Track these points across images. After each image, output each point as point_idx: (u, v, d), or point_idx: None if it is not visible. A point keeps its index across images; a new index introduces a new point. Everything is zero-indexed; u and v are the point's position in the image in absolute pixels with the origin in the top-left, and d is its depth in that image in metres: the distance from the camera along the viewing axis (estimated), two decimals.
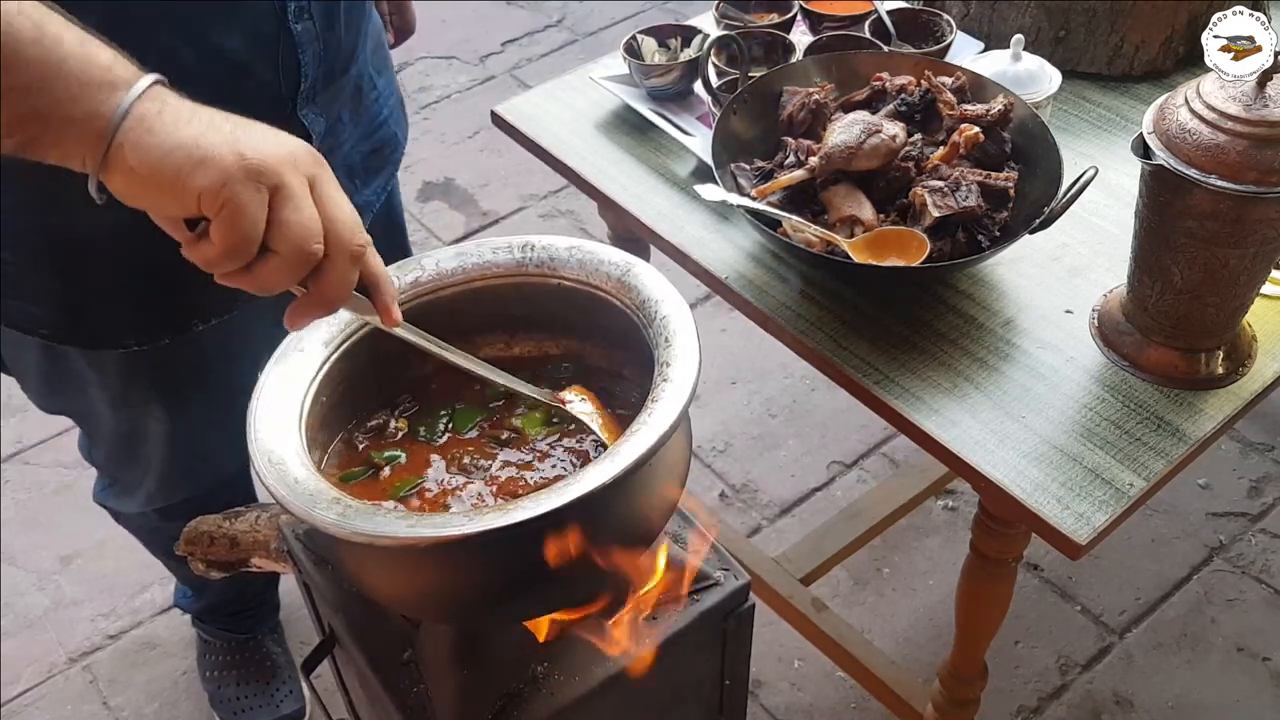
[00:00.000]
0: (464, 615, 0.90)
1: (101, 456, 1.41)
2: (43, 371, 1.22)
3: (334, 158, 1.16)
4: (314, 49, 1.05)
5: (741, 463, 2.12)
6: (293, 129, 0.87)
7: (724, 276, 1.22)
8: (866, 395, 1.11)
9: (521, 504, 0.73)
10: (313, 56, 1.05)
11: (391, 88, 1.28)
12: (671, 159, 1.37)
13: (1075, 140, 1.35)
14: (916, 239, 1.13)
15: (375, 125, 1.24)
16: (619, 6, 3.27)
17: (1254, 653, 1.82)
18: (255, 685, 1.74)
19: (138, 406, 1.26)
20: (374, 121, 1.23)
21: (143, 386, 1.22)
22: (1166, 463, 1.03)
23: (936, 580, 1.92)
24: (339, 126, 1.15)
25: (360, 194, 1.23)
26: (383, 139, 1.26)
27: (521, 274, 0.96)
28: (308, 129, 1.08)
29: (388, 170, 1.29)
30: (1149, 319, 1.09)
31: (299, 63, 1.04)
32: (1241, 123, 0.94)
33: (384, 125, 1.25)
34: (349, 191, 1.11)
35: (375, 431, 0.94)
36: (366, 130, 1.22)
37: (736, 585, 1.01)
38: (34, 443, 2.18)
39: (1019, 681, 1.79)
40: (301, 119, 1.07)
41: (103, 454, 1.40)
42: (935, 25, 1.42)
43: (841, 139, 1.16)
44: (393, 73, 1.30)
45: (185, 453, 1.34)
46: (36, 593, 1.96)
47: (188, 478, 1.40)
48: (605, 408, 0.92)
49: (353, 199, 1.11)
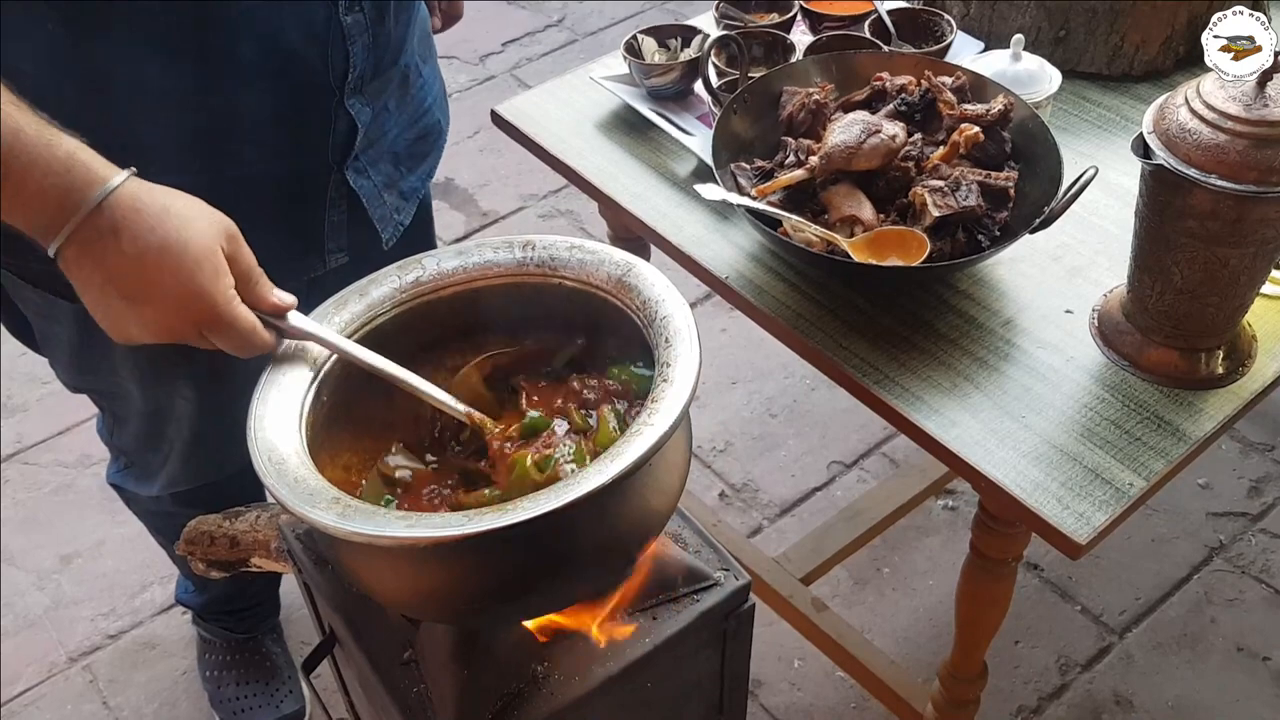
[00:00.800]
0: (464, 615, 0.90)
1: (126, 438, 1.40)
2: (74, 346, 1.21)
3: (380, 146, 1.18)
4: (364, 40, 1.06)
5: (742, 462, 2.12)
6: (339, 119, 1.09)
7: (724, 276, 1.22)
8: (867, 395, 1.11)
9: (521, 504, 0.73)
10: (362, 48, 1.06)
11: (435, 75, 1.29)
12: (672, 159, 1.37)
13: (1075, 140, 1.35)
14: (916, 239, 1.13)
15: (420, 113, 1.24)
16: (619, 6, 3.27)
17: (1254, 652, 1.82)
18: (255, 685, 1.74)
19: (166, 384, 1.26)
20: (419, 109, 1.24)
21: (172, 362, 1.22)
22: (1166, 462, 1.03)
23: (936, 580, 1.92)
24: (384, 115, 1.16)
25: (406, 180, 1.24)
26: (427, 126, 1.27)
27: (522, 273, 0.96)
28: (354, 118, 1.09)
29: (432, 156, 1.30)
30: (1149, 319, 1.09)
31: (348, 54, 1.05)
32: (1241, 122, 0.94)
33: (428, 113, 1.26)
34: (394, 178, 1.22)
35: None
36: (412, 118, 1.23)
37: (736, 585, 1.01)
38: (34, 442, 2.18)
39: (1019, 681, 1.79)
40: (349, 108, 1.08)
41: (128, 435, 1.39)
42: (935, 25, 1.42)
43: (841, 139, 1.16)
44: (436, 60, 1.31)
45: (211, 434, 1.33)
46: (36, 592, 1.96)
47: (209, 461, 1.39)
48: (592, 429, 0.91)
49: (399, 185, 1.23)
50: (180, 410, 1.29)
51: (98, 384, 1.30)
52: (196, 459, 1.38)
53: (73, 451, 2.15)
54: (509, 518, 0.72)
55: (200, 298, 0.82)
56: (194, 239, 0.82)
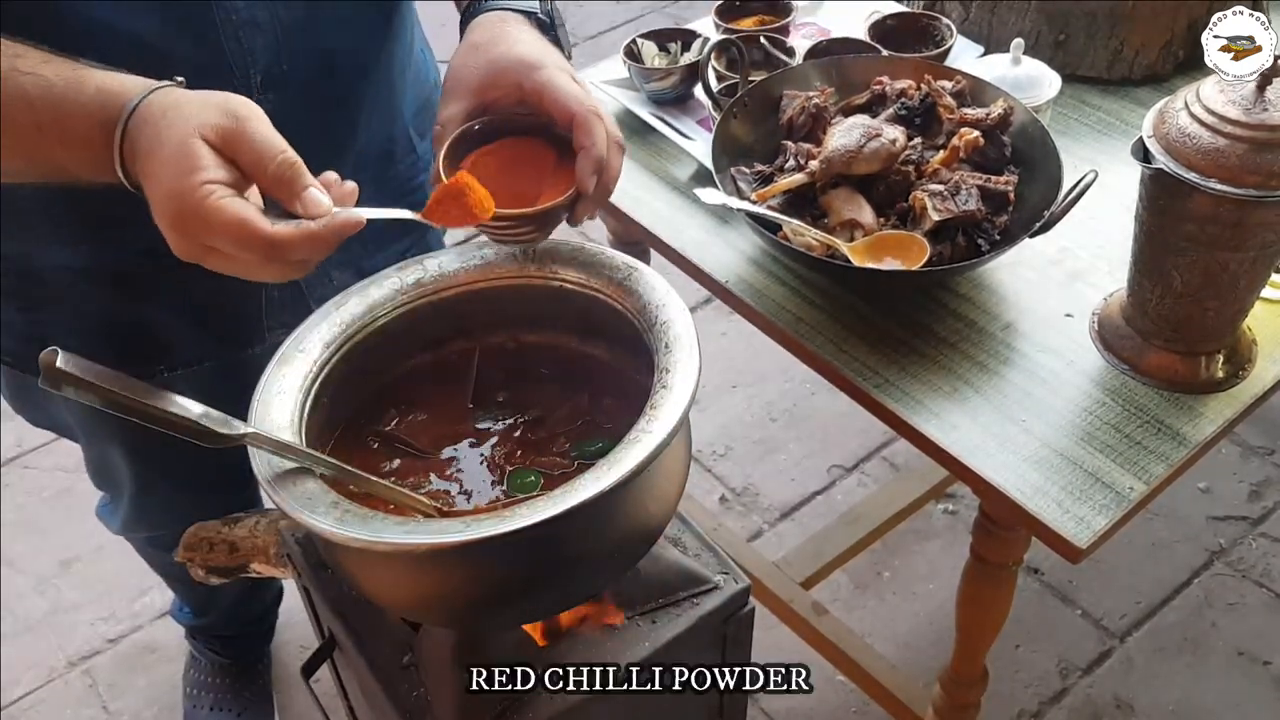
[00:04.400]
0: (463, 619, 0.90)
1: (90, 473, 1.41)
2: (14, 389, 1.22)
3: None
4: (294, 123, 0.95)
5: (742, 466, 2.12)
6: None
7: (724, 280, 1.22)
8: (867, 399, 1.11)
9: (519, 511, 0.73)
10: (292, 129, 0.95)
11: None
12: (671, 163, 1.37)
13: (1075, 144, 1.35)
14: (916, 243, 1.13)
15: (406, 190, 1.17)
16: (619, 10, 3.27)
17: (1254, 656, 1.82)
18: (227, 714, 1.74)
19: (104, 438, 1.26)
20: (406, 187, 1.17)
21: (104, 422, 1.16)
22: (1167, 466, 1.03)
23: (937, 584, 1.92)
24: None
25: (371, 259, 1.12)
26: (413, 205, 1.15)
27: (523, 276, 0.96)
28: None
29: (413, 236, 1.21)
30: (1149, 323, 1.09)
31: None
32: (1241, 126, 0.94)
33: (418, 190, 1.18)
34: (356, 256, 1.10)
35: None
36: (393, 196, 1.15)
37: (736, 589, 1.01)
38: (33, 447, 2.18)
39: (1019, 685, 1.79)
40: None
41: (91, 471, 1.40)
42: (935, 29, 1.42)
43: (841, 143, 1.16)
44: None
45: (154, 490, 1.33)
46: (36, 596, 1.96)
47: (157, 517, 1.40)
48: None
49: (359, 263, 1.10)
50: (119, 463, 1.28)
51: (47, 421, 1.30)
52: (145, 510, 1.38)
53: (72, 455, 2.14)
54: (507, 524, 0.72)
55: (170, 196, 0.71)
56: (169, 135, 0.72)
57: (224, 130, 0.73)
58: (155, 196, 0.73)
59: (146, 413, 0.72)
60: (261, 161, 0.73)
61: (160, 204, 0.72)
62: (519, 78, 0.89)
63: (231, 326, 1.11)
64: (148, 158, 0.73)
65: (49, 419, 1.28)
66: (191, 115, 0.73)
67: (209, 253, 0.73)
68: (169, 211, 0.72)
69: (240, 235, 0.71)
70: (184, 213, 0.71)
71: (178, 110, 0.74)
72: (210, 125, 0.73)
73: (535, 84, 0.88)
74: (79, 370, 0.69)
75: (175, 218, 0.72)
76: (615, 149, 0.88)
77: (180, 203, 0.71)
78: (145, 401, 0.72)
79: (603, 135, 0.86)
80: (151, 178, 0.73)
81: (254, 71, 0.94)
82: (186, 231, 0.72)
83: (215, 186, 0.71)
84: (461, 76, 0.92)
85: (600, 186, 0.87)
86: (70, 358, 0.69)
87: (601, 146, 0.86)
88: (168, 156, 0.72)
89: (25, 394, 1.22)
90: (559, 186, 0.89)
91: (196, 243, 0.72)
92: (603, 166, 0.86)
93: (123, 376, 0.71)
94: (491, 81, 0.91)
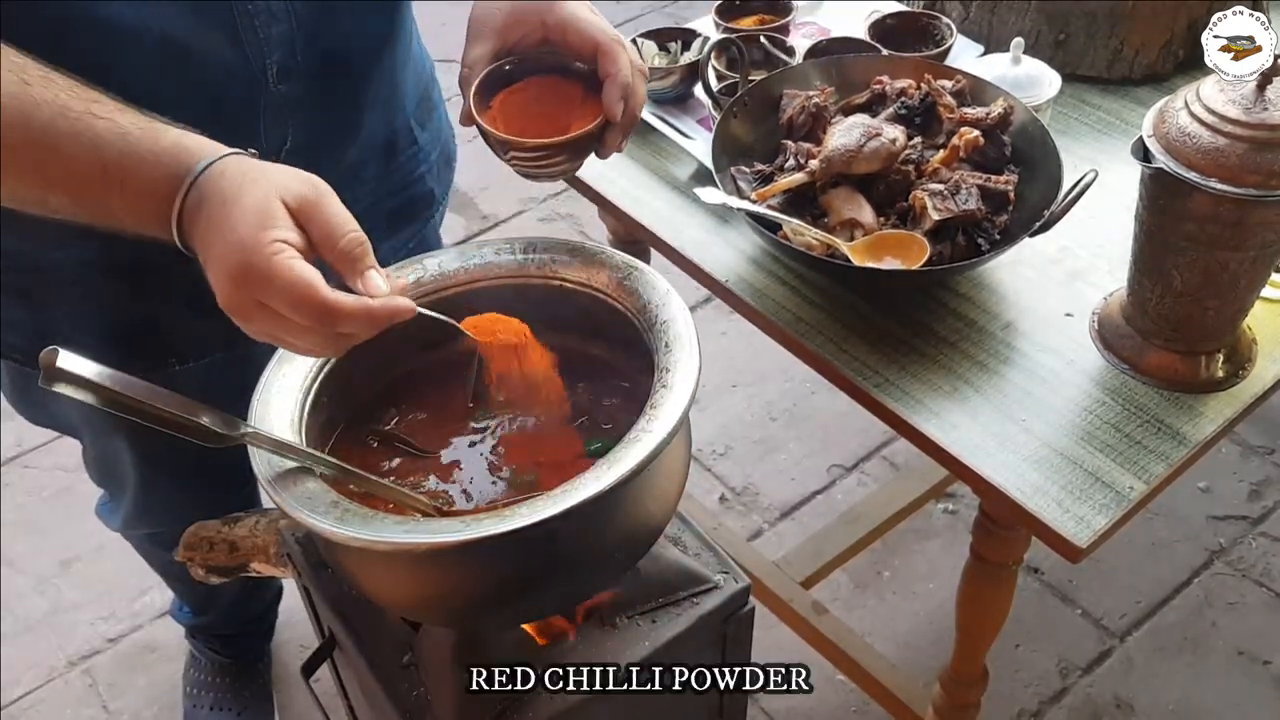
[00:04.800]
0: (463, 618, 0.90)
1: (91, 471, 1.41)
2: (17, 386, 1.22)
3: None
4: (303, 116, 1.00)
5: (742, 466, 2.12)
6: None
7: (724, 280, 1.22)
8: (867, 398, 1.11)
9: (519, 510, 0.73)
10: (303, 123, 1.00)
11: (435, 141, 1.22)
12: (671, 162, 1.37)
13: (1075, 144, 1.35)
14: (916, 242, 1.13)
15: (407, 181, 1.19)
16: (619, 9, 3.27)
17: (1255, 656, 1.82)
18: (227, 713, 1.74)
19: (109, 434, 1.26)
20: (407, 178, 1.19)
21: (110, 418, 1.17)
22: (1167, 466, 1.03)
23: (937, 584, 1.92)
24: (355, 182, 1.10)
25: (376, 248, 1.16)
26: (413, 196, 1.20)
27: (523, 275, 0.96)
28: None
29: (414, 226, 1.22)
30: (1149, 322, 1.09)
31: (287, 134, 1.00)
32: (1241, 126, 0.94)
33: (418, 182, 1.20)
34: None
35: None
36: (396, 186, 1.17)
37: (736, 588, 1.01)
38: (34, 446, 2.18)
39: (1019, 685, 1.79)
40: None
41: (91, 469, 1.40)
42: (935, 29, 1.42)
43: (841, 142, 1.16)
44: (442, 124, 1.25)
45: (156, 488, 1.33)
46: (36, 596, 1.96)
47: (158, 514, 1.40)
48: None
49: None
50: (124, 459, 1.28)
51: (50, 420, 1.30)
52: (149, 508, 1.38)
53: (73, 455, 2.13)
54: (507, 524, 0.72)
55: (238, 247, 0.72)
56: (250, 192, 0.74)
57: (303, 199, 0.75)
58: (221, 246, 0.73)
59: (147, 412, 0.73)
60: (334, 235, 0.75)
61: (224, 253, 0.73)
62: (541, 15, 0.93)
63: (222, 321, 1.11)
64: (220, 207, 0.73)
65: (50, 417, 1.28)
66: (275, 179, 0.75)
67: (259, 309, 0.73)
68: (232, 261, 0.72)
69: (301, 295, 0.72)
70: (250, 265, 0.72)
71: (262, 172, 0.75)
72: (292, 192, 0.75)
73: (558, 19, 0.92)
74: (79, 369, 0.69)
75: (238, 268, 0.72)
76: (639, 76, 0.93)
77: (248, 255, 0.72)
78: (145, 401, 0.72)
79: (627, 63, 0.91)
80: (219, 226, 0.73)
81: (270, 62, 0.94)
82: (245, 283, 0.72)
83: (286, 246, 0.72)
84: (484, 19, 0.96)
85: (628, 113, 0.92)
86: (71, 356, 0.69)
87: (627, 73, 0.90)
88: (247, 208, 0.73)
89: (28, 391, 1.21)
90: (587, 118, 0.93)
91: (250, 297, 0.73)
92: (630, 93, 0.91)
93: (123, 375, 0.71)
94: (514, 21, 0.94)
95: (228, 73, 0.93)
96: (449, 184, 1.29)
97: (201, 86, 0.92)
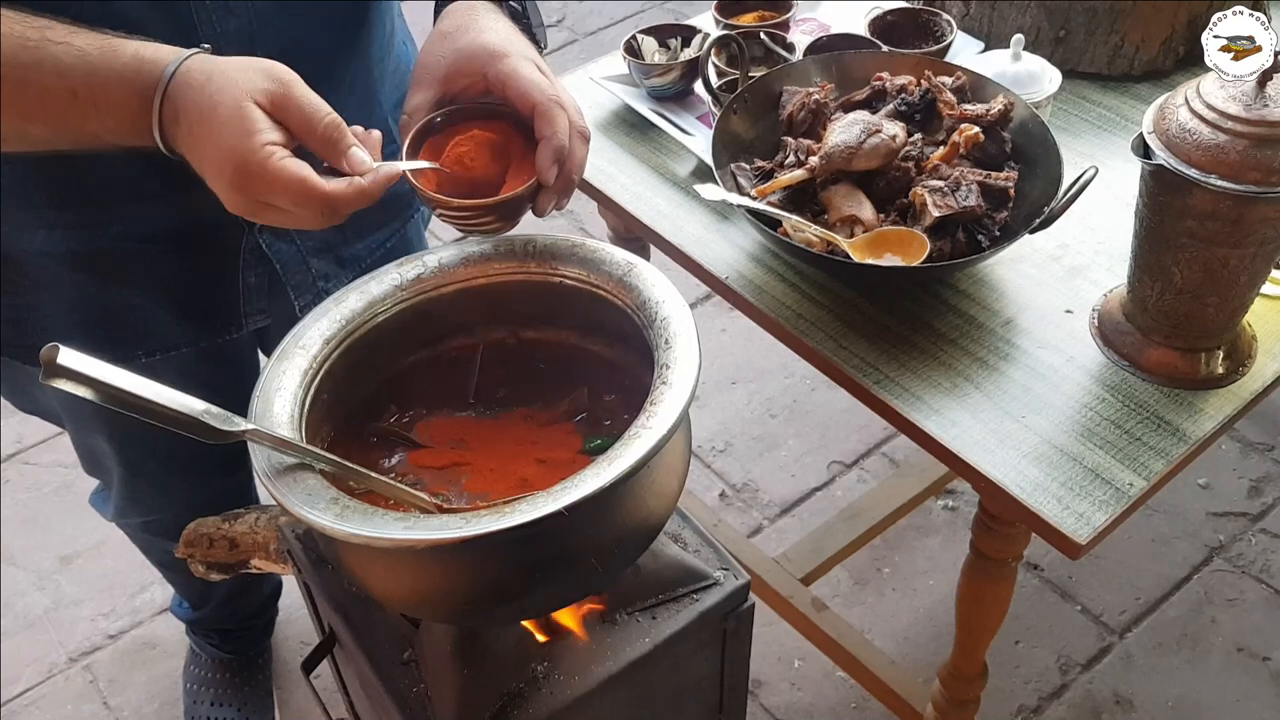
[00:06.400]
0: (463, 615, 0.90)
1: (82, 461, 1.41)
2: (3, 375, 1.21)
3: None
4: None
5: (742, 463, 2.12)
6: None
7: (724, 276, 1.22)
8: (866, 395, 1.11)
9: (519, 507, 0.73)
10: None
11: None
12: (671, 159, 1.37)
13: (1075, 140, 1.35)
14: (916, 239, 1.13)
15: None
16: (619, 6, 3.27)
17: (1254, 652, 1.82)
18: (229, 709, 1.75)
19: (87, 423, 1.26)
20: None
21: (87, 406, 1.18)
22: (1166, 462, 1.03)
23: (937, 580, 1.92)
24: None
25: (350, 246, 1.16)
26: (392, 194, 1.17)
27: (523, 271, 0.96)
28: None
29: (396, 223, 1.22)
30: (1149, 319, 1.09)
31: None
32: (1242, 122, 0.94)
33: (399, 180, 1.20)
34: (333, 243, 1.12)
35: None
36: None
37: (736, 585, 1.01)
38: (34, 443, 2.18)
39: (1019, 681, 1.79)
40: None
41: (82, 459, 1.40)
42: (935, 25, 1.42)
43: (841, 139, 1.16)
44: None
45: (141, 475, 1.33)
46: (36, 592, 1.96)
47: (148, 501, 1.40)
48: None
49: (337, 251, 1.13)
50: (105, 450, 1.29)
51: (36, 408, 1.30)
52: (135, 497, 1.38)
53: (72, 452, 2.14)
54: (506, 521, 0.72)
55: (229, 157, 0.76)
56: (222, 99, 0.77)
57: (273, 95, 0.78)
58: (212, 156, 0.77)
59: (147, 409, 0.73)
60: (310, 124, 0.79)
61: (218, 163, 0.77)
62: (483, 66, 0.91)
63: (210, 312, 1.11)
64: (199, 121, 0.77)
65: (36, 405, 1.29)
66: (240, 80, 0.78)
67: (265, 208, 0.79)
68: (229, 170, 0.76)
69: (301, 192, 0.77)
70: (246, 171, 0.76)
71: (224, 76, 0.78)
72: (260, 90, 0.78)
73: (498, 73, 0.90)
74: (80, 366, 0.69)
75: (236, 175, 0.76)
76: (579, 139, 0.89)
77: (242, 162, 0.76)
78: (145, 397, 0.72)
79: (564, 125, 0.87)
80: (205, 140, 0.77)
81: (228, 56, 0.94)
82: (247, 188, 0.77)
83: (275, 148, 0.77)
84: (429, 65, 0.94)
85: (562, 177, 0.89)
86: (71, 352, 0.69)
87: (563, 136, 0.87)
88: (224, 119, 0.76)
89: (13, 380, 1.21)
90: (522, 176, 0.90)
91: (254, 199, 0.78)
92: (564, 156, 0.88)
93: (124, 372, 0.72)
94: (457, 70, 0.92)
95: None
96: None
97: None
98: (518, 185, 0.89)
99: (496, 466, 0.92)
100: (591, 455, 0.88)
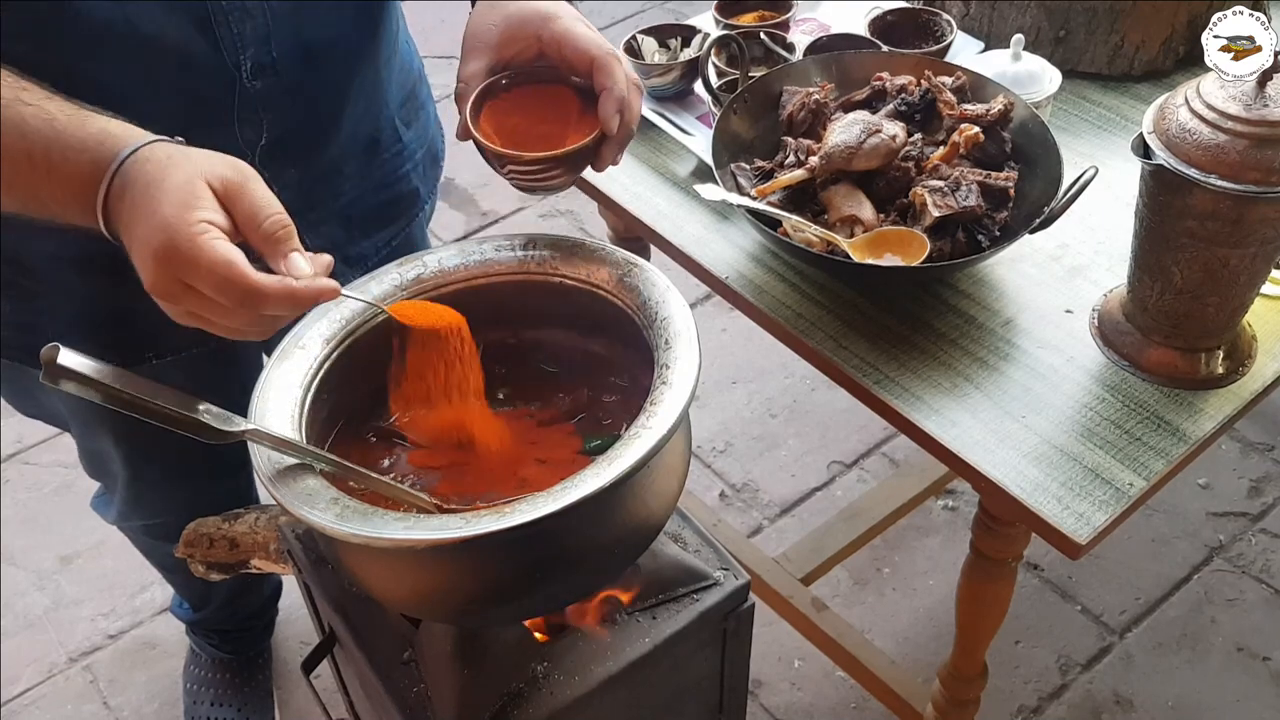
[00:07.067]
0: (463, 615, 0.90)
1: (84, 464, 1.41)
2: (7, 378, 1.21)
3: (327, 208, 1.11)
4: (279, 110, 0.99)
5: (742, 462, 2.12)
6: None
7: (724, 276, 1.22)
8: (866, 395, 1.11)
9: (519, 507, 0.73)
10: (277, 118, 1.00)
11: (422, 140, 1.23)
12: (671, 159, 1.37)
13: (1075, 140, 1.35)
14: (916, 239, 1.13)
15: (391, 179, 1.18)
16: (619, 6, 3.27)
17: (1254, 652, 1.82)
18: (228, 709, 1.74)
19: (94, 426, 1.26)
20: (391, 176, 1.18)
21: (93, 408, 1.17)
22: (1166, 462, 1.03)
23: (937, 580, 1.92)
24: (337, 178, 1.11)
25: (357, 245, 1.17)
26: (399, 193, 1.20)
27: (523, 272, 0.96)
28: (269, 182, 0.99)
29: (399, 223, 1.22)
30: (1149, 319, 1.09)
31: (262, 123, 0.99)
32: (1242, 122, 0.94)
33: (403, 179, 1.20)
34: (340, 242, 1.12)
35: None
36: (379, 183, 1.17)
37: (736, 585, 1.01)
38: (34, 443, 2.18)
39: (1019, 681, 1.79)
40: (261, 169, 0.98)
41: (85, 461, 1.40)
42: (935, 25, 1.42)
43: (841, 139, 1.16)
44: (429, 123, 1.25)
45: (146, 479, 1.33)
46: (36, 592, 1.96)
47: (150, 505, 1.40)
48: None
49: (345, 250, 1.12)
50: (111, 453, 1.28)
51: (40, 411, 1.30)
52: (140, 500, 1.38)
53: (72, 452, 2.12)
54: (507, 521, 0.72)
55: (161, 227, 0.71)
56: (174, 173, 0.73)
57: (228, 181, 0.75)
58: (145, 227, 0.73)
59: (148, 409, 0.73)
60: (257, 216, 0.74)
61: (149, 234, 0.72)
62: (536, 29, 0.93)
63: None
64: (144, 191, 0.73)
65: (40, 409, 1.28)
66: (200, 161, 0.75)
67: (185, 291, 0.73)
68: (156, 242, 0.72)
69: (225, 276, 0.71)
70: (173, 245, 0.71)
71: (185, 156, 0.75)
72: (216, 175, 0.74)
73: (553, 34, 0.92)
74: (80, 366, 0.69)
75: (162, 248, 0.71)
76: (635, 90, 0.92)
77: (172, 235, 0.71)
78: (146, 398, 0.72)
79: (622, 76, 0.91)
80: (143, 209, 0.73)
81: (244, 58, 0.94)
82: (169, 264, 0.72)
83: (210, 227, 0.72)
84: (480, 33, 0.95)
85: (623, 126, 0.92)
86: (71, 353, 0.69)
87: (622, 87, 0.90)
88: (170, 189, 0.72)
89: (17, 383, 1.21)
90: (583, 132, 0.93)
91: (175, 279, 0.72)
92: (624, 106, 0.91)
93: (123, 372, 0.72)
94: (510, 36, 0.94)
95: (201, 69, 0.93)
96: (436, 182, 1.28)
97: (175, 82, 0.93)
98: (581, 139, 0.92)
99: (496, 466, 0.92)
100: (591, 455, 0.87)
